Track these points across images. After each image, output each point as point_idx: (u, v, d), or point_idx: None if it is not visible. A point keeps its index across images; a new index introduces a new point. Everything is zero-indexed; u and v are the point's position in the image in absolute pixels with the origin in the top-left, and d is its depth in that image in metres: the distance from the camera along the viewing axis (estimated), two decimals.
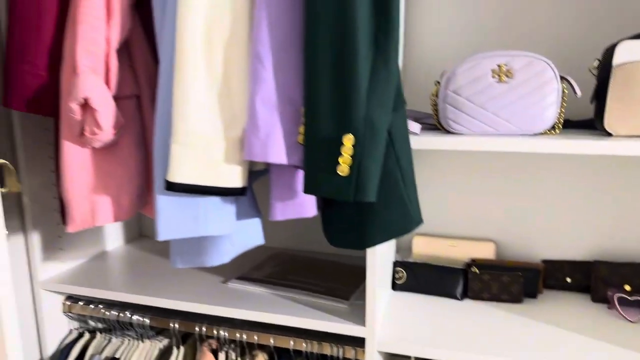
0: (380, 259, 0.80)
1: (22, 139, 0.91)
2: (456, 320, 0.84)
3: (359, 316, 0.81)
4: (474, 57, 0.78)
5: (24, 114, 0.89)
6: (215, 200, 0.69)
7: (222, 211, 0.70)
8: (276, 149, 0.63)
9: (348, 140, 0.59)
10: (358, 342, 0.83)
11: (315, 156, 0.61)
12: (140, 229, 1.33)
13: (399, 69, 0.61)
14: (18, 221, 0.95)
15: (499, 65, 0.77)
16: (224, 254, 0.75)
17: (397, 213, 0.64)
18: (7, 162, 0.66)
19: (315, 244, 1.18)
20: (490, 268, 0.94)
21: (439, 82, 0.82)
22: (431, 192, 1.06)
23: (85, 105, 0.66)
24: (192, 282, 0.98)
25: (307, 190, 0.63)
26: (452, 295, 0.94)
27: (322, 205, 0.73)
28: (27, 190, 0.92)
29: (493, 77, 0.77)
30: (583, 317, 0.85)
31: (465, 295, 0.95)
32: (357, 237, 0.67)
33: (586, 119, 0.88)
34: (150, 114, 0.79)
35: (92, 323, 1.11)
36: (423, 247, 1.04)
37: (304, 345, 0.85)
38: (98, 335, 1.05)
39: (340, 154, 0.59)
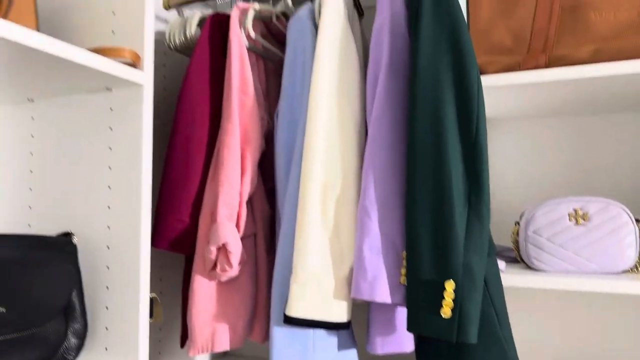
0: None
1: None
2: None
3: None
4: (550, 201, 0.87)
5: None
6: (322, 332, 0.78)
7: (327, 342, 0.78)
8: (381, 290, 0.72)
9: (449, 285, 0.67)
10: None
11: (418, 297, 0.69)
12: None
13: (489, 222, 0.71)
14: None
15: (575, 210, 0.85)
16: None
17: (494, 353, 0.69)
18: (155, 295, 0.79)
19: None
20: None
21: (518, 223, 0.90)
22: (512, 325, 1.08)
23: (221, 248, 0.80)
24: None
25: (411, 328, 0.70)
26: None
27: (418, 340, 0.78)
28: None
29: (570, 220, 0.85)
30: None
31: None
32: None
33: None
34: (262, 250, 0.92)
35: None
36: None
37: None
38: None
39: (442, 298, 0.67)
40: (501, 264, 0.82)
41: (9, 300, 0.60)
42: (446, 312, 0.67)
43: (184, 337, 0.92)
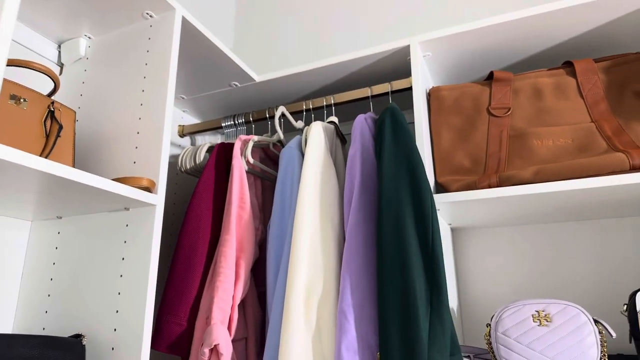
0: None
1: None
2: None
3: None
4: (516, 303, 0.96)
5: None
6: None
7: None
8: None
9: None
10: None
11: None
12: None
13: (451, 323, 0.80)
14: None
15: (537, 311, 0.93)
16: None
17: None
18: None
19: None
20: None
21: (489, 324, 0.98)
22: None
23: (213, 350, 0.88)
24: None
25: None
26: None
27: None
28: None
29: (534, 321, 0.92)
30: None
31: None
32: None
33: (632, 355, 0.97)
34: (253, 352, 0.99)
35: None
36: None
37: None
38: None
39: None
40: None
41: None
42: None
43: None
